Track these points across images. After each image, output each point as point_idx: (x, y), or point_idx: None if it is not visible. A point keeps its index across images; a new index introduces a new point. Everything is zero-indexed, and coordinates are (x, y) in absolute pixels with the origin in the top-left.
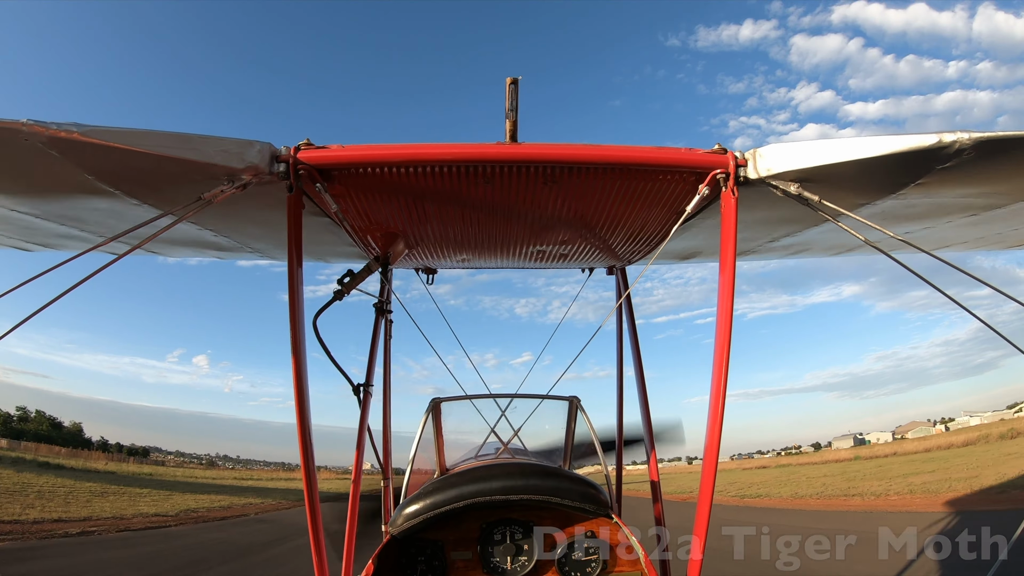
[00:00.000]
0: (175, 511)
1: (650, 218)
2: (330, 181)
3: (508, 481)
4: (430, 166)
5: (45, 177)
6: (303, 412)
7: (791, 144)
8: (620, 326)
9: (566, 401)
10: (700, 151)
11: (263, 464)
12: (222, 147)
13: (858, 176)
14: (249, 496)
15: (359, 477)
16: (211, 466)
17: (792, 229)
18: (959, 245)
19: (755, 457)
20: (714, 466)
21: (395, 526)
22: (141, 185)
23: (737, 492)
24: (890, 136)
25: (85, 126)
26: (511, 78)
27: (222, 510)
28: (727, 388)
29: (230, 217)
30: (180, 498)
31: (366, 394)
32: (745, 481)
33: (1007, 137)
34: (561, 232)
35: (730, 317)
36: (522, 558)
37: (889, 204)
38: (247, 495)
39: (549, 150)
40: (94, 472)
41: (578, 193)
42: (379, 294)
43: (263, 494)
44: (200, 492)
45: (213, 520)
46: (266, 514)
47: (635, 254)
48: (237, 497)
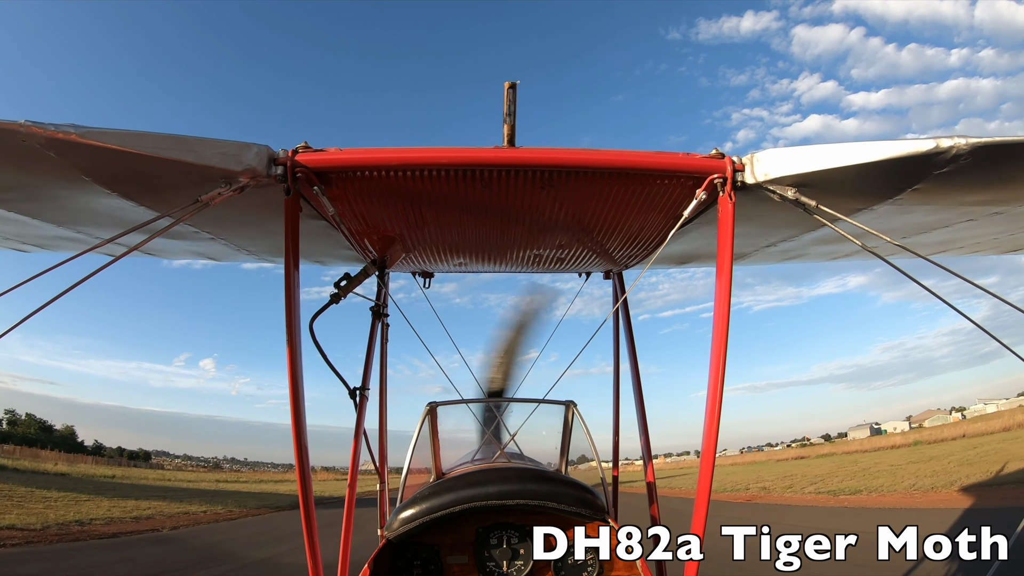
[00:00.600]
0: (45, 523)
1: (647, 223)
2: (327, 184)
3: (504, 486)
4: (427, 170)
5: (43, 178)
6: (298, 416)
7: (788, 149)
8: (617, 330)
9: (562, 405)
10: (698, 155)
11: (270, 466)
12: (220, 149)
13: (855, 181)
14: (209, 503)
15: (355, 480)
16: (215, 469)
17: (789, 234)
18: (956, 250)
19: (765, 450)
20: (711, 468)
21: (391, 530)
22: (138, 187)
23: (818, 487)
24: (887, 141)
25: (83, 127)
26: (509, 82)
27: (130, 522)
28: (724, 391)
29: (227, 220)
30: (92, 505)
31: (362, 397)
32: (801, 473)
33: (1004, 143)
34: (558, 236)
35: (726, 322)
36: (518, 562)
37: (886, 209)
38: (211, 501)
39: (546, 154)
40: (42, 474)
41: (575, 198)
42: (376, 297)
43: (238, 499)
44: (155, 497)
45: (95, 537)
46: (191, 528)
47: (632, 258)
48: (185, 504)
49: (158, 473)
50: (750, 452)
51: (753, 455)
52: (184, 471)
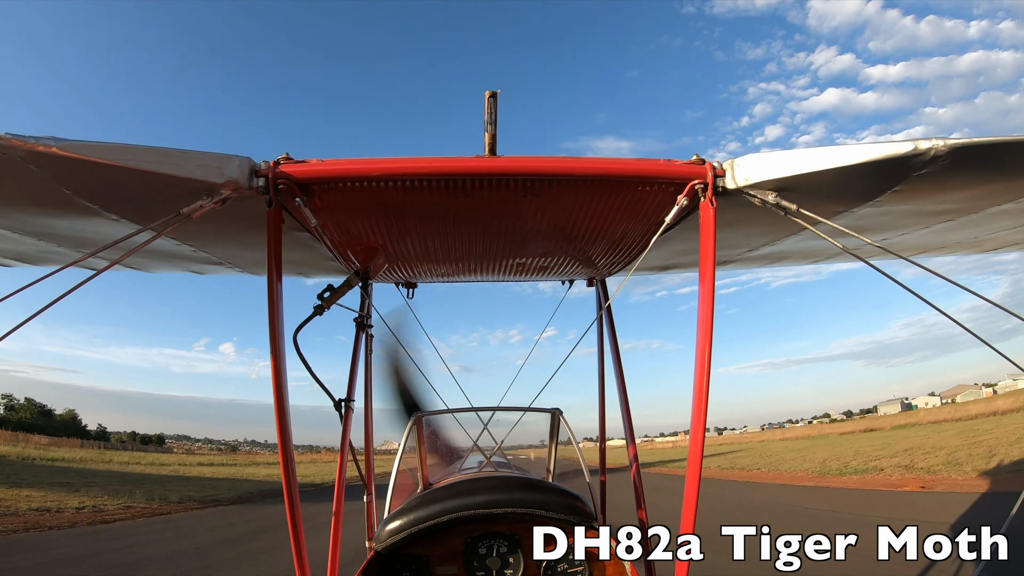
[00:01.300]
0: None
1: (629, 230)
2: (309, 195)
3: (492, 495)
4: (409, 180)
5: (23, 192)
6: (284, 428)
7: (769, 154)
8: (601, 337)
9: (548, 413)
10: (679, 162)
11: None
12: (201, 161)
13: (835, 184)
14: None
15: (342, 492)
16: (232, 451)
17: (771, 238)
18: (937, 250)
19: (786, 427)
20: (698, 473)
21: (379, 541)
22: (120, 200)
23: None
24: (866, 144)
25: (64, 140)
26: (490, 91)
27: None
28: (709, 395)
29: (209, 232)
30: None
31: (347, 409)
32: (919, 445)
33: (981, 143)
34: (541, 245)
35: (710, 327)
36: (508, 571)
37: (867, 211)
38: (184, 486)
39: (528, 163)
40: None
41: (557, 206)
42: (359, 308)
43: (215, 486)
44: (101, 485)
45: None
46: (98, 527)
47: (615, 266)
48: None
49: (153, 457)
50: (771, 429)
51: (782, 431)
52: (195, 455)
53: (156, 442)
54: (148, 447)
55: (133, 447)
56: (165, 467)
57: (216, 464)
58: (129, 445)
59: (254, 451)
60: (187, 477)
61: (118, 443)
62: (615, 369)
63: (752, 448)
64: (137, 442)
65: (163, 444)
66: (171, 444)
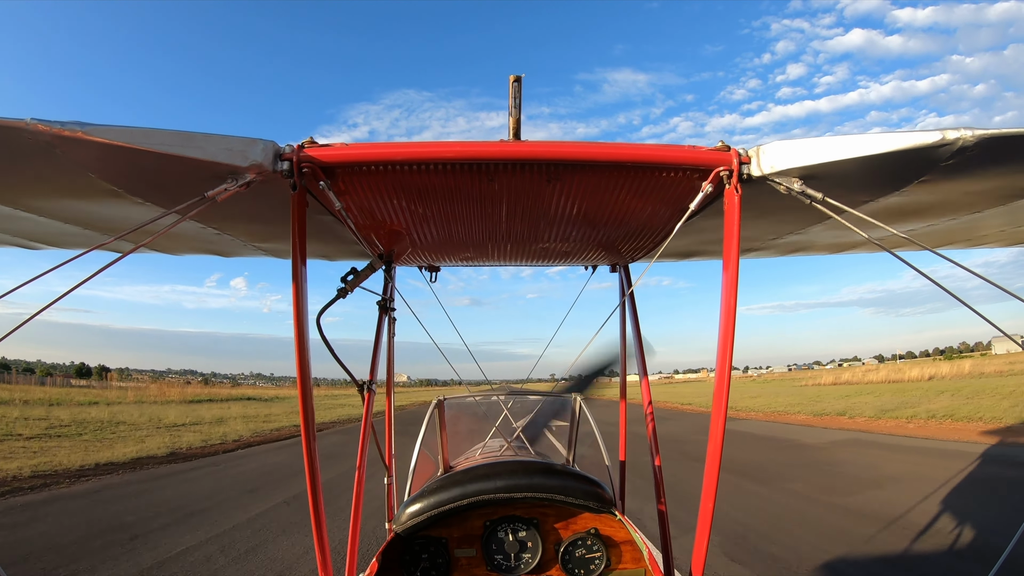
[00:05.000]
0: None
1: (653, 216)
2: (333, 179)
3: (512, 479)
4: (433, 164)
5: (48, 176)
6: (307, 410)
7: (794, 141)
8: (623, 322)
9: (568, 398)
10: (704, 148)
11: (294, 381)
12: (226, 145)
13: (861, 173)
14: None
15: (363, 475)
16: (236, 385)
17: (795, 226)
18: (962, 243)
19: (815, 368)
20: (717, 466)
21: (399, 523)
22: (145, 184)
23: None
24: (893, 133)
25: (89, 125)
26: (514, 76)
27: None
28: (730, 382)
29: (233, 216)
30: None
31: (370, 392)
32: None
33: (1011, 135)
34: (564, 230)
35: (733, 315)
36: (525, 555)
37: (892, 201)
38: None
39: (552, 148)
40: None
41: (581, 191)
42: (383, 291)
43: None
44: None
45: None
46: None
47: (638, 252)
48: None
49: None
50: (798, 370)
51: (812, 373)
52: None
53: (97, 375)
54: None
55: (62, 383)
56: None
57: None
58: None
59: (261, 385)
60: None
61: (44, 376)
62: (637, 354)
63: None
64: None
65: (104, 378)
66: (181, 379)
